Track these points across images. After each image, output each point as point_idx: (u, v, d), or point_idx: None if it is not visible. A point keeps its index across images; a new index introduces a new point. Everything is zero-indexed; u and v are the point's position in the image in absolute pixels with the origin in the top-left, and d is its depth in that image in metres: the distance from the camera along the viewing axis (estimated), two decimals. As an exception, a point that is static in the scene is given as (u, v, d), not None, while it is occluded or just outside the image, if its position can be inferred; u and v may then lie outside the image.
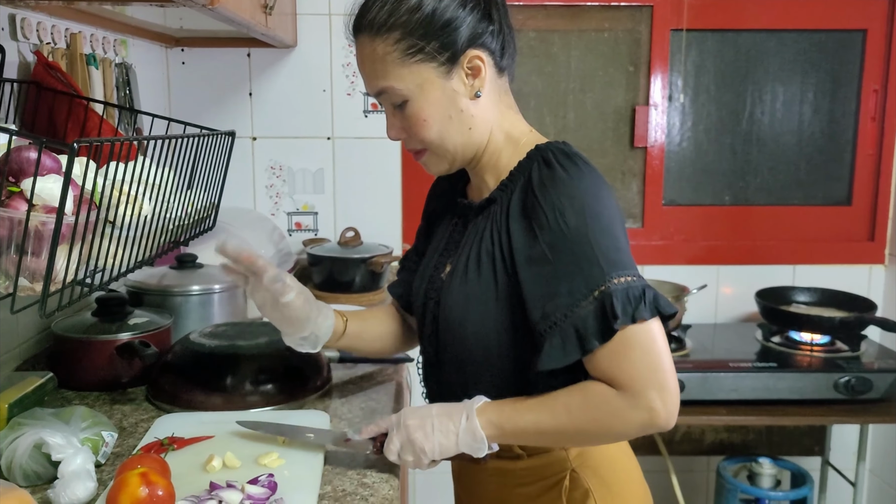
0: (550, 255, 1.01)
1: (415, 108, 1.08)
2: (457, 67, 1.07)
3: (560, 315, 0.99)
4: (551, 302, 1.00)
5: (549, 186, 1.02)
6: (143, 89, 1.98)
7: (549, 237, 1.01)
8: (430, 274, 1.22)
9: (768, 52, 2.56)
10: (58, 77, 1.43)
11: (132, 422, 1.33)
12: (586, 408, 1.01)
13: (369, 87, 1.11)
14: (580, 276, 0.99)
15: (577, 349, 0.99)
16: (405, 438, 1.07)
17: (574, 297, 0.99)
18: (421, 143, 1.11)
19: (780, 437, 2.61)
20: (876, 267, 2.62)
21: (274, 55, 2.39)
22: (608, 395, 0.99)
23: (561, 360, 1.00)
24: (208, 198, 1.62)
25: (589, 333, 0.98)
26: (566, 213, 1.00)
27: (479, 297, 1.09)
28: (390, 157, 2.45)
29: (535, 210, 1.03)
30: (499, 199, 1.11)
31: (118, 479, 0.96)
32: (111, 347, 1.45)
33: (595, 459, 1.15)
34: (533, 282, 1.02)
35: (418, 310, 1.23)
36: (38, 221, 0.88)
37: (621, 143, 2.57)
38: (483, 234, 1.11)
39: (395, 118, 1.12)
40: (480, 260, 1.10)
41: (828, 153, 2.63)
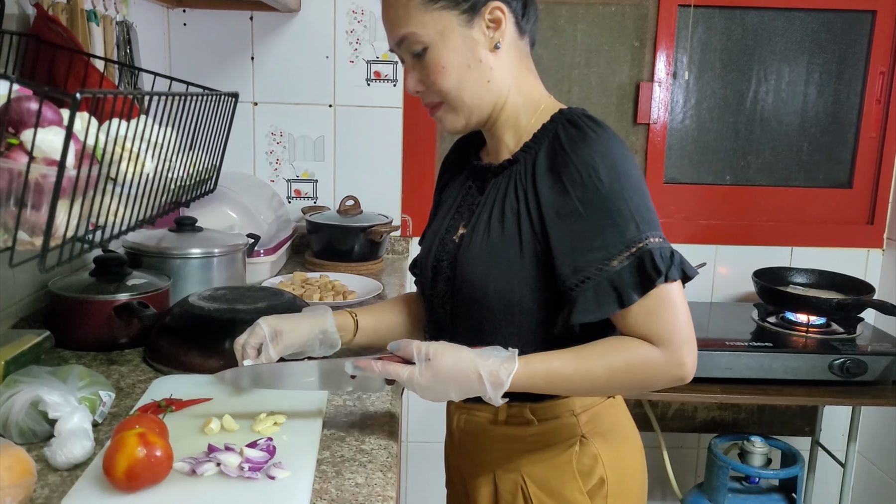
0: (583, 209, 1.03)
1: (434, 55, 1.09)
2: (478, 17, 1.09)
3: (593, 269, 1.02)
4: (584, 256, 1.02)
5: (581, 144, 1.05)
6: (143, 49, 1.95)
7: (581, 193, 1.03)
8: (441, 237, 1.22)
9: (776, 30, 2.54)
10: (58, 31, 1.41)
11: (129, 382, 1.33)
12: (629, 369, 1.02)
13: (391, 36, 1.12)
14: (615, 231, 1.01)
15: (614, 303, 1.01)
16: (433, 377, 1.01)
17: (608, 251, 1.01)
18: (439, 93, 1.12)
19: (771, 417, 2.62)
20: (874, 251, 2.62)
21: (277, 19, 2.35)
22: (648, 351, 1.01)
23: (595, 314, 1.02)
24: (210, 159, 1.60)
25: (627, 287, 1.01)
26: (599, 170, 1.02)
27: (502, 254, 1.09)
28: (392, 126, 2.43)
29: (567, 166, 1.04)
30: (521, 160, 1.13)
31: (115, 439, 0.95)
32: (109, 307, 1.44)
33: (604, 426, 1.17)
34: (564, 236, 1.04)
35: (427, 273, 1.23)
36: (38, 174, 0.87)
37: (624, 120, 2.55)
38: (506, 193, 1.12)
39: (415, 69, 1.12)
40: (504, 217, 1.10)
41: (831, 135, 2.61)
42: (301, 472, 1.02)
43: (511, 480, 1.18)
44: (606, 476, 1.16)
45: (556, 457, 1.15)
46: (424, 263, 1.25)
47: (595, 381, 1.03)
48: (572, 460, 1.15)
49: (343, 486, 1.02)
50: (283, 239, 2.19)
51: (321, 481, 1.02)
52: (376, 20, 2.36)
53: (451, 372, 1.01)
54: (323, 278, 1.99)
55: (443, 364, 1.01)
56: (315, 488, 1.00)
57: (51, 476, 1.01)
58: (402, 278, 2.22)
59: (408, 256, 2.49)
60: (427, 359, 1.02)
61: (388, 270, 2.28)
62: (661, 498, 2.69)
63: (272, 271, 2.07)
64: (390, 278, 2.18)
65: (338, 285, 1.95)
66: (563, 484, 1.15)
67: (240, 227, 1.99)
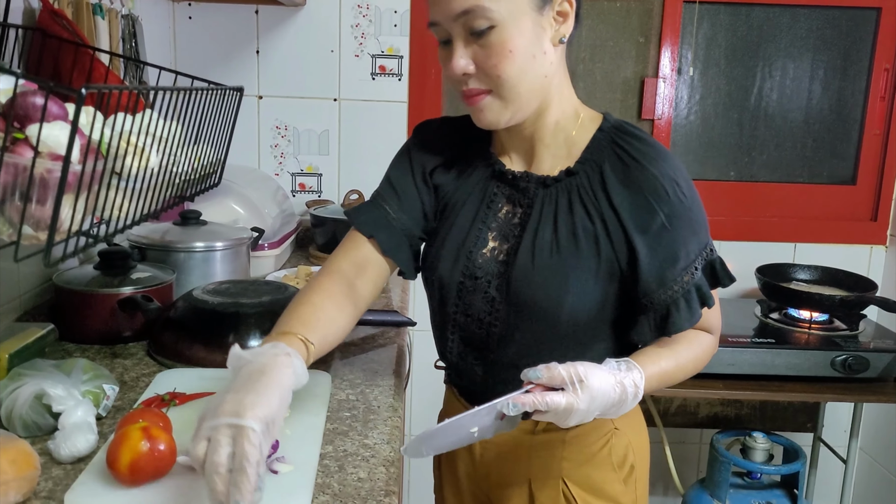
0: (669, 224, 1.03)
1: (503, 35, 1.00)
2: (549, 6, 1.03)
3: (681, 279, 1.05)
4: (672, 268, 1.05)
5: (657, 159, 1.04)
6: (148, 43, 1.95)
7: (667, 208, 1.03)
8: (466, 250, 1.14)
9: (780, 27, 2.53)
10: (63, 25, 1.41)
11: (133, 376, 1.33)
12: (703, 356, 1.13)
13: (449, 8, 1.00)
14: (696, 241, 1.06)
15: (699, 307, 1.07)
16: (591, 400, 0.96)
17: (690, 258, 1.05)
18: (495, 79, 1.02)
19: (773, 413, 2.63)
20: (877, 247, 2.62)
21: (282, 13, 2.35)
22: (711, 341, 1.14)
23: (691, 321, 1.07)
24: (215, 153, 1.60)
25: (707, 290, 1.08)
26: (681, 185, 1.04)
27: (577, 274, 1.05)
28: (397, 120, 2.43)
29: (650, 181, 1.03)
30: (582, 172, 1.08)
31: (119, 433, 0.95)
32: (113, 301, 1.45)
33: (629, 414, 1.18)
34: (651, 252, 1.04)
35: (447, 287, 1.15)
36: (43, 169, 0.87)
37: (629, 115, 2.55)
38: (572, 208, 1.07)
39: (469, 48, 1.02)
40: (576, 234, 1.06)
41: (835, 131, 2.61)
42: (304, 466, 1.02)
43: (551, 487, 1.17)
44: (635, 461, 1.19)
45: (596, 454, 1.16)
46: (445, 281, 1.16)
47: (685, 374, 1.11)
48: (610, 454, 1.16)
49: (346, 480, 1.02)
50: (288, 233, 2.19)
51: (324, 476, 1.02)
52: (381, 14, 2.36)
53: (600, 390, 0.97)
54: (326, 272, 1.99)
55: (594, 384, 0.96)
56: (318, 483, 1.00)
57: (54, 469, 1.01)
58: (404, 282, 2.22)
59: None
60: (580, 380, 0.95)
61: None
62: (664, 493, 2.70)
63: (276, 265, 2.07)
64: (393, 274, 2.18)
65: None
66: (604, 478, 1.16)
67: (244, 220, 1.99)
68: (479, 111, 1.07)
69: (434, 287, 1.19)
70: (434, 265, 1.18)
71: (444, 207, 1.21)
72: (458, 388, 1.27)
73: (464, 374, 1.21)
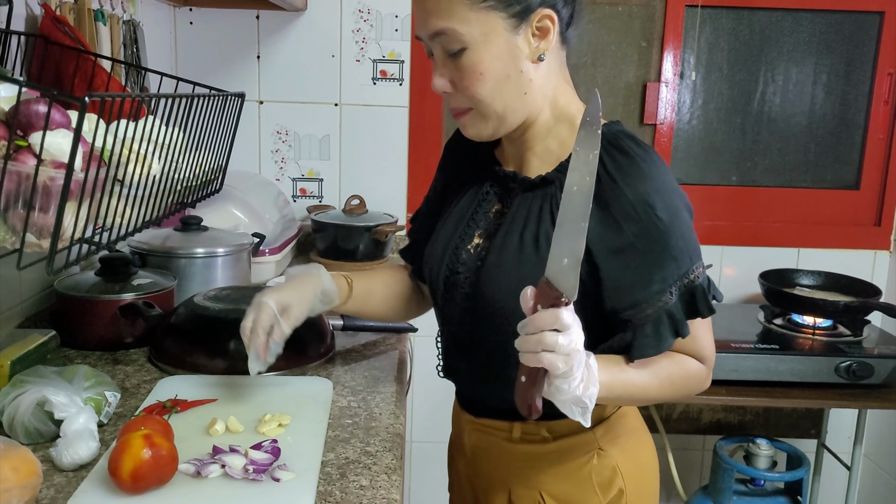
0: (639, 245, 1.00)
1: (473, 58, 1.01)
2: (525, 24, 1.02)
3: (654, 302, 1.00)
4: (643, 290, 1.00)
5: (634, 177, 1.00)
6: (149, 48, 1.95)
7: (636, 228, 0.99)
8: (453, 244, 1.16)
9: (783, 31, 2.53)
10: (65, 31, 1.41)
11: (134, 382, 1.33)
12: (685, 380, 1.07)
13: (425, 27, 1.03)
14: (673, 265, 1.00)
15: (671, 336, 1.02)
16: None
17: (666, 283, 1.00)
18: (470, 99, 1.04)
19: (777, 419, 2.62)
20: (881, 252, 2.61)
21: (283, 18, 2.35)
22: (699, 368, 1.08)
23: (658, 348, 1.02)
24: (216, 160, 1.60)
25: (682, 318, 1.02)
26: (657, 208, 0.99)
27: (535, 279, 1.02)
28: (398, 126, 2.43)
29: (619, 200, 1.00)
30: (558, 181, 1.06)
31: (121, 440, 0.95)
32: (114, 307, 1.44)
33: (619, 434, 1.16)
34: (619, 271, 1.01)
35: (439, 284, 1.17)
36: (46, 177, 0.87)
37: (631, 120, 2.54)
38: (541, 216, 1.06)
39: (446, 68, 1.04)
40: (538, 242, 1.05)
41: (838, 136, 2.60)
42: (306, 473, 1.02)
43: (528, 497, 1.16)
44: (625, 486, 1.15)
45: (576, 472, 1.14)
46: (433, 273, 1.19)
47: (659, 392, 1.06)
48: (591, 474, 1.13)
49: (347, 488, 1.01)
50: (289, 238, 2.19)
51: (326, 483, 1.02)
52: (383, 19, 2.36)
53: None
54: (328, 278, 1.99)
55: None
56: (319, 490, 1.00)
57: (56, 477, 1.01)
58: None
59: (413, 256, 2.49)
60: None
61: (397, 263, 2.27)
62: (666, 500, 2.69)
63: (277, 270, 2.07)
64: (395, 278, 2.18)
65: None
66: (584, 498, 1.14)
67: (245, 226, 1.99)
68: (464, 126, 1.10)
69: (428, 281, 1.22)
70: (427, 259, 1.22)
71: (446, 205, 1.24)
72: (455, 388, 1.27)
73: (452, 372, 1.22)
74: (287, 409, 1.19)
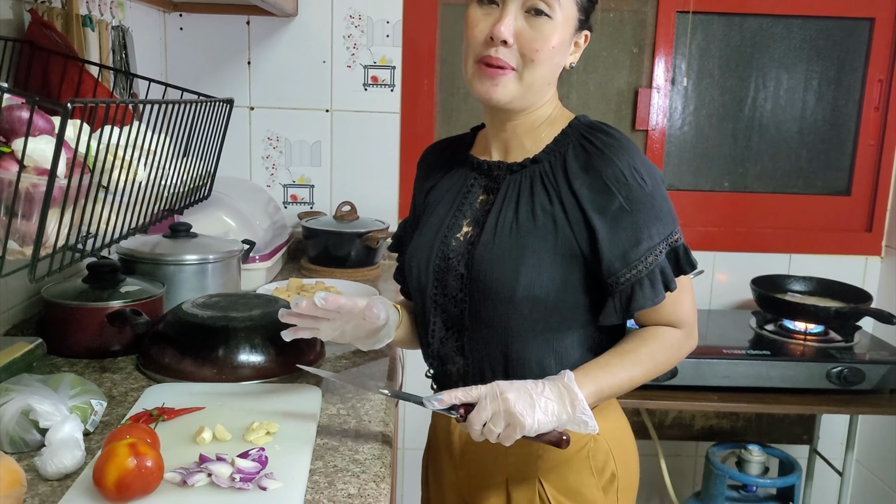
0: (629, 207, 1.09)
1: (553, 29, 1.09)
2: (577, 34, 1.16)
3: (645, 259, 1.09)
4: (635, 249, 1.09)
5: (619, 150, 1.11)
6: (139, 54, 1.94)
7: (626, 192, 1.09)
8: (441, 235, 1.20)
9: (774, 37, 2.54)
10: (53, 37, 1.40)
11: (122, 391, 1.32)
12: (665, 351, 1.15)
13: None
14: (659, 225, 1.10)
15: (663, 289, 1.11)
16: (501, 409, 1.03)
17: (654, 241, 1.10)
18: (527, 61, 1.10)
19: (769, 425, 2.61)
20: (872, 258, 2.61)
21: (274, 24, 2.35)
22: (676, 334, 1.16)
23: (653, 300, 1.10)
24: (204, 166, 1.59)
25: (669, 275, 1.11)
26: (642, 173, 1.10)
27: (533, 251, 1.11)
28: (389, 131, 2.43)
29: (609, 167, 1.10)
30: (545, 160, 1.15)
31: (106, 449, 0.94)
32: (102, 315, 1.43)
33: (611, 422, 1.20)
34: (611, 231, 1.09)
35: (427, 275, 1.20)
36: (28, 183, 0.86)
37: (623, 126, 2.55)
38: (533, 190, 1.14)
39: (521, 21, 1.09)
40: (535, 215, 1.12)
41: (829, 142, 2.61)
42: (293, 482, 1.01)
43: (527, 487, 1.18)
44: (617, 470, 1.19)
45: (573, 456, 1.16)
46: (422, 265, 1.21)
47: (645, 374, 1.13)
48: (588, 457, 1.17)
49: (336, 496, 1.01)
50: (279, 245, 2.18)
51: (313, 492, 1.01)
52: (374, 25, 2.35)
53: (517, 401, 1.04)
54: (319, 285, 1.98)
55: (510, 396, 1.04)
56: (307, 499, 0.99)
57: (41, 486, 1.00)
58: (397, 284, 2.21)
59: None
60: (500, 393, 1.04)
61: (384, 277, 2.27)
62: (658, 505, 2.69)
63: (267, 277, 2.06)
64: (386, 284, 2.18)
65: (333, 292, 1.94)
66: (582, 482, 1.17)
67: (235, 232, 1.98)
68: (494, 85, 1.11)
69: (413, 275, 1.23)
70: (413, 253, 1.24)
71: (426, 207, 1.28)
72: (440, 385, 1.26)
73: (446, 363, 1.22)
74: (275, 416, 1.18)
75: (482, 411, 1.04)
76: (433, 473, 1.36)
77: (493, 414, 1.03)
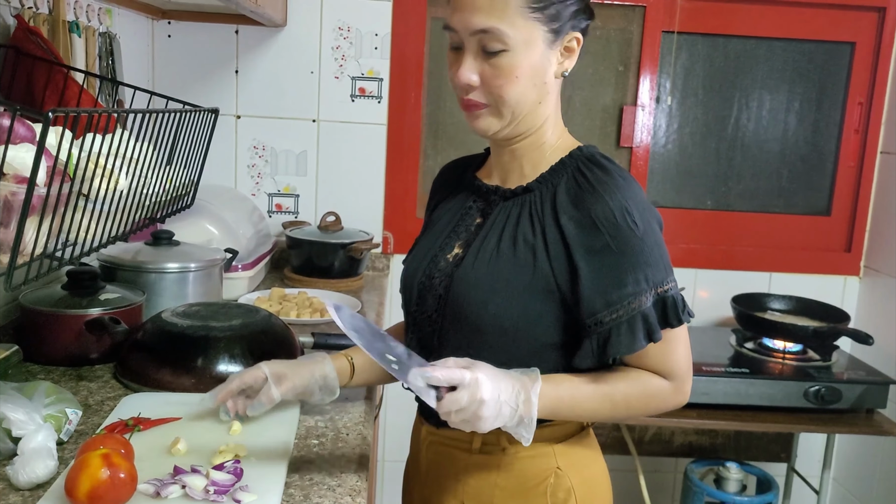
0: (616, 247, 1.04)
1: (512, 61, 1.06)
2: (559, 41, 1.09)
3: (627, 304, 1.04)
4: (617, 291, 1.04)
5: (613, 188, 1.06)
6: (126, 61, 1.94)
7: (614, 231, 1.04)
8: (432, 254, 1.20)
9: (757, 59, 2.57)
10: (38, 43, 1.40)
11: (98, 399, 1.31)
12: (644, 398, 1.09)
13: (469, 23, 1.06)
14: (647, 269, 1.05)
15: (644, 338, 1.05)
16: (471, 411, 0.98)
17: (640, 286, 1.05)
18: (496, 98, 1.09)
19: (747, 442, 2.63)
20: (851, 278, 2.64)
21: (262, 33, 2.35)
22: (663, 386, 1.09)
23: (630, 348, 1.05)
24: (187, 175, 1.59)
25: (654, 324, 1.05)
26: (634, 216, 1.05)
27: (508, 280, 1.08)
28: (375, 143, 2.43)
29: (599, 204, 1.05)
30: (538, 190, 1.13)
31: (79, 460, 0.94)
32: (80, 322, 1.43)
33: (579, 457, 1.16)
34: (595, 271, 1.05)
35: (413, 291, 1.20)
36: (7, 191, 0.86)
37: (607, 143, 2.56)
38: (519, 220, 1.12)
39: (478, 63, 1.08)
40: (517, 244, 1.10)
41: (810, 163, 2.64)
42: (268, 495, 1.00)
43: None
44: None
45: (531, 489, 1.13)
46: (411, 280, 1.21)
47: (612, 413, 1.10)
48: (546, 493, 1.13)
49: (310, 510, 1.00)
50: (263, 254, 2.18)
51: (288, 505, 1.01)
52: (362, 37, 2.36)
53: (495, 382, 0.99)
54: (301, 295, 1.98)
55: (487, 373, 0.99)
56: (282, 513, 0.99)
57: (12, 496, 0.99)
58: (381, 296, 2.22)
59: (388, 274, 2.48)
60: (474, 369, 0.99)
61: (367, 287, 2.27)
62: (637, 521, 2.69)
63: (250, 286, 2.06)
64: (370, 295, 2.18)
65: (316, 302, 1.93)
66: None
67: (218, 241, 1.98)
68: (475, 118, 1.13)
69: (403, 290, 1.24)
70: (406, 269, 1.25)
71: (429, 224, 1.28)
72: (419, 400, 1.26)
73: None
74: (252, 429, 1.18)
75: (455, 403, 0.98)
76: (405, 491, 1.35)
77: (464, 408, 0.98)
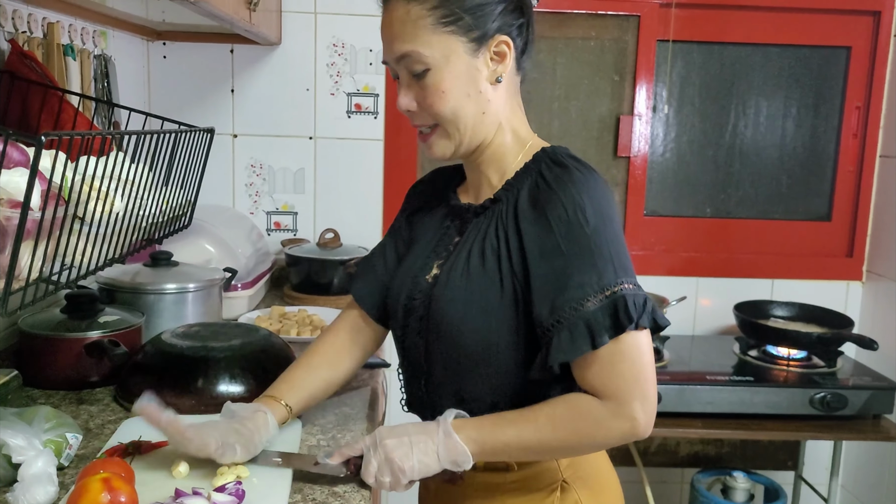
0: (564, 248, 1.01)
1: (436, 77, 1.07)
2: (483, 48, 1.08)
3: (569, 308, 1.00)
4: (561, 296, 1.00)
5: (568, 183, 1.04)
6: (122, 82, 1.95)
7: (564, 230, 1.02)
8: (412, 275, 1.19)
9: (753, 65, 2.57)
10: (33, 67, 1.40)
11: (98, 423, 1.30)
12: (571, 418, 1.01)
13: (391, 51, 1.09)
14: (593, 272, 1.00)
15: (587, 343, 0.99)
16: (383, 458, 1.04)
17: (584, 290, 1.00)
18: (434, 117, 1.09)
19: (754, 451, 2.61)
20: (853, 283, 2.63)
21: (257, 52, 2.35)
22: (592, 404, 1.01)
23: (570, 354, 1.00)
24: (184, 195, 1.58)
25: (601, 329, 0.99)
26: (586, 211, 1.01)
27: (481, 294, 1.08)
28: (372, 159, 2.43)
29: (552, 202, 1.04)
30: (504, 199, 1.12)
31: (79, 485, 0.93)
32: (80, 346, 1.42)
33: (585, 470, 1.15)
34: (544, 275, 1.03)
35: (399, 313, 1.20)
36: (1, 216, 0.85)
37: (605, 153, 2.56)
38: (487, 233, 1.11)
39: (411, 88, 1.10)
40: (485, 257, 1.09)
41: (809, 168, 2.63)
42: (270, 517, 0.99)
43: None
44: None
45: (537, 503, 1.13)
46: (395, 302, 1.21)
47: (538, 437, 1.02)
48: None
49: (313, 531, 0.99)
50: (262, 272, 2.17)
51: (291, 527, 1.00)
52: (357, 53, 2.37)
53: (395, 449, 1.04)
54: (301, 312, 1.97)
55: (388, 444, 1.05)
56: (284, 535, 0.98)
57: (12, 523, 0.98)
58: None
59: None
60: (377, 442, 1.05)
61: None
62: (645, 533, 2.67)
63: (250, 305, 2.05)
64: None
65: (316, 320, 1.93)
66: None
67: (217, 260, 1.97)
68: (429, 147, 1.14)
69: (391, 312, 1.24)
70: (390, 293, 1.24)
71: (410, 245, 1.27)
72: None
73: (414, 399, 1.23)
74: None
75: (368, 465, 1.04)
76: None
77: (378, 465, 1.04)
